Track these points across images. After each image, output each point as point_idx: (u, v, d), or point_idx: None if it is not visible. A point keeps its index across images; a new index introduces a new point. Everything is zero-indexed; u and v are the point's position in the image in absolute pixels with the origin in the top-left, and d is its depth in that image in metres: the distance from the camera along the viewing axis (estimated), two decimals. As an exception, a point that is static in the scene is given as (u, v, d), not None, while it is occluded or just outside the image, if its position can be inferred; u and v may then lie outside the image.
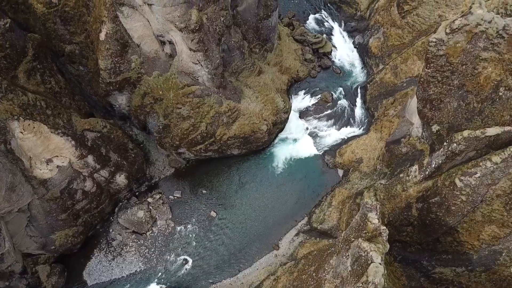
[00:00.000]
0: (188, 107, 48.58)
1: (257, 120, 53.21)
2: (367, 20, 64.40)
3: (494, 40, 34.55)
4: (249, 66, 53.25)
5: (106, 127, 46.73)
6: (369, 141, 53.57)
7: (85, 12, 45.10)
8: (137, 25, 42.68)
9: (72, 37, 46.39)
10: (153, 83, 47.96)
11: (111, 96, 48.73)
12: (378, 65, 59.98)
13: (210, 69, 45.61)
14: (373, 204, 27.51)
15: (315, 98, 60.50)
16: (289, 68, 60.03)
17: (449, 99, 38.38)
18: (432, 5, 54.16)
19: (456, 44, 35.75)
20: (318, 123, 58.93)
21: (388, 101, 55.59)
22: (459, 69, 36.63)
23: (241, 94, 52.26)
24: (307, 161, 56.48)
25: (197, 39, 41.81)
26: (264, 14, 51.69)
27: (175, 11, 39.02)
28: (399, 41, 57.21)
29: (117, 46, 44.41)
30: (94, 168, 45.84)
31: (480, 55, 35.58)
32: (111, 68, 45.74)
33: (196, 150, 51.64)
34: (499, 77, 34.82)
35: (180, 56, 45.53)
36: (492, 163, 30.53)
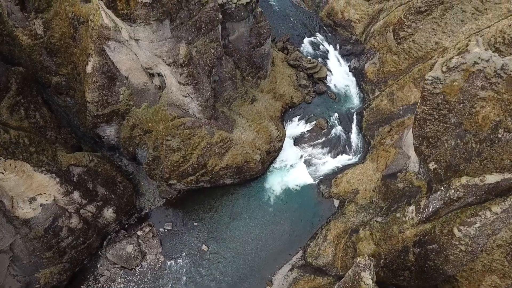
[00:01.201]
0: (179, 138, 47.16)
1: (250, 150, 51.81)
2: (362, 44, 63.35)
3: (492, 79, 33.37)
4: (241, 95, 51.99)
5: (93, 161, 45.25)
6: (365, 171, 52.13)
7: (71, 43, 43.89)
8: (124, 58, 41.44)
9: (58, 69, 45.14)
10: (142, 115, 46.61)
11: (99, 128, 47.36)
12: (374, 91, 58.78)
13: (200, 101, 44.29)
14: (366, 263, 25.97)
15: (310, 124, 59.16)
16: (283, 94, 58.80)
17: (446, 137, 37.07)
18: (428, 32, 53.12)
19: (453, 82, 34.55)
20: (313, 150, 57.52)
21: (385, 129, 54.32)
22: (457, 107, 35.40)
23: (233, 123, 50.91)
24: (302, 191, 54.94)
25: (186, 73, 40.54)
26: (256, 42, 50.57)
27: (163, 46, 37.78)
28: (395, 68, 56.06)
29: (104, 79, 43.14)
30: (81, 203, 44.27)
31: (478, 94, 34.38)
32: (99, 101, 44.43)
33: (187, 181, 50.11)
34: (498, 117, 33.54)
35: (169, 89, 44.25)
36: (492, 213, 29.11)
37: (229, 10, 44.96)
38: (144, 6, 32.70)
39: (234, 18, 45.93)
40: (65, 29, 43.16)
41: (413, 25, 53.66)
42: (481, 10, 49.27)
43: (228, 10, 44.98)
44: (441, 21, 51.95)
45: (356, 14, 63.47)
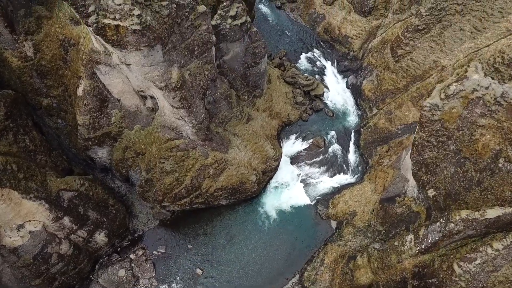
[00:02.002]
0: (172, 161, 46.16)
1: (245, 170, 50.79)
2: (360, 60, 62.58)
3: (492, 107, 32.45)
4: (237, 115, 51.05)
5: (84, 185, 44.19)
6: (363, 192, 51.08)
7: (62, 65, 43.00)
8: (115, 81, 40.55)
9: (49, 91, 44.20)
10: (135, 137, 45.64)
11: (91, 150, 46.36)
12: (371, 109, 57.90)
13: (194, 124, 43.34)
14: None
15: (307, 142, 58.18)
16: (280, 112, 57.88)
17: (445, 164, 36.10)
18: (426, 50, 52.34)
19: (452, 109, 33.63)
20: (310, 169, 56.48)
21: (383, 149, 53.36)
22: (455, 134, 34.45)
23: (228, 144, 49.95)
24: (299, 211, 53.82)
25: (179, 97, 39.62)
26: (252, 62, 49.73)
27: (154, 70, 36.88)
28: (393, 86, 55.24)
29: (95, 101, 42.23)
30: (71, 229, 43.16)
31: (478, 122, 33.44)
32: (90, 124, 43.48)
33: (181, 204, 49.03)
34: (498, 146, 32.57)
35: (162, 111, 43.32)
36: (493, 250, 28.06)
37: (223, 31, 44.14)
38: (134, 33, 31.83)
39: (228, 39, 45.10)
40: (56, 51, 42.30)
41: (411, 43, 52.92)
42: (479, 29, 48.56)
43: (222, 31, 44.17)
44: (440, 39, 51.21)
45: (353, 30, 62.79)
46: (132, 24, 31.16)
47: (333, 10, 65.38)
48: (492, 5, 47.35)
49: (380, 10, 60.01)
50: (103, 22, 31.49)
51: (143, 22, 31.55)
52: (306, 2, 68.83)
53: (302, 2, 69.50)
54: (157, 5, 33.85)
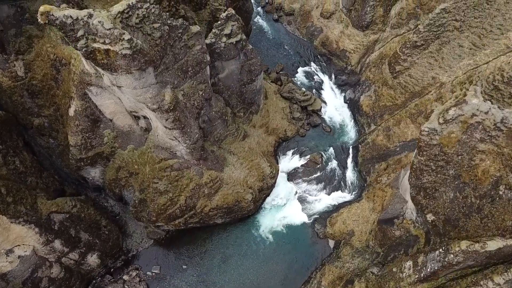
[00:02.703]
0: (166, 181, 45.27)
1: (241, 189, 49.88)
2: (358, 75, 61.89)
3: (492, 132, 31.62)
4: (232, 132, 50.22)
5: (75, 207, 43.26)
6: (361, 211, 50.14)
7: (53, 85, 42.23)
8: (107, 102, 39.76)
9: (40, 110, 43.40)
10: (128, 157, 44.78)
11: (83, 170, 45.46)
12: (370, 125, 57.10)
13: (188, 144, 42.50)
14: None
15: (304, 158, 57.31)
16: (276, 128, 57.07)
17: (444, 189, 35.22)
18: (425, 67, 51.66)
19: (451, 134, 32.80)
20: (307, 186, 55.56)
21: (381, 166, 52.52)
22: (455, 159, 33.61)
23: (224, 162, 49.07)
24: (296, 230, 52.85)
25: (172, 118, 38.81)
26: (248, 79, 48.98)
27: (146, 92, 36.07)
28: (391, 102, 54.47)
29: (87, 122, 41.41)
30: (62, 252, 42.18)
31: (477, 147, 32.61)
32: (82, 144, 42.63)
33: (175, 224, 48.08)
34: (499, 172, 31.73)
35: (155, 132, 42.49)
36: (494, 284, 27.11)
37: (218, 49, 43.42)
38: (124, 57, 31.06)
39: (223, 57, 44.37)
40: (47, 71, 41.54)
41: (409, 59, 52.24)
42: (478, 46, 47.90)
43: (217, 50, 43.44)
44: (438, 55, 50.54)
45: (351, 44, 62.13)
46: (123, 48, 30.38)
47: (331, 24, 64.76)
48: (491, 22, 46.73)
49: (378, 25, 59.38)
50: (92, 46, 30.72)
51: (134, 46, 30.78)
52: (304, 15, 68.23)
53: (299, 15, 68.91)
54: (149, 28, 33.11)
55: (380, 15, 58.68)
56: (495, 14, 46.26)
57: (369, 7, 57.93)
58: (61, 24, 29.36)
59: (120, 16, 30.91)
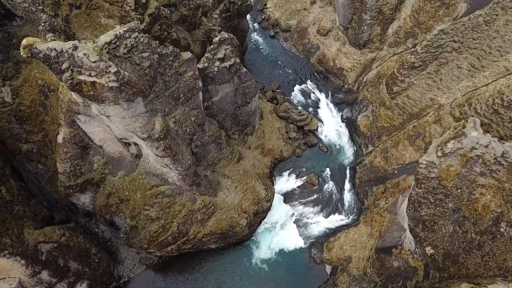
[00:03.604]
0: (157, 208, 44.11)
1: (235, 214, 48.67)
2: (355, 93, 60.90)
3: (492, 166, 30.52)
4: (227, 155, 49.10)
5: (64, 235, 42.01)
6: (358, 236, 48.90)
7: (42, 111, 41.20)
8: (97, 130, 38.69)
9: (28, 136, 42.34)
10: (119, 184, 43.62)
11: (72, 197, 44.25)
12: (367, 145, 56.02)
13: (180, 171, 41.37)
14: None
15: (301, 179, 56.16)
16: (272, 149, 55.96)
17: (443, 222, 34.06)
18: (423, 88, 50.70)
19: (450, 167, 31.70)
20: (304, 209, 54.35)
21: (379, 189, 51.37)
22: (454, 192, 32.49)
23: (217, 186, 47.90)
24: (292, 254, 51.55)
25: (163, 147, 37.70)
26: (242, 101, 47.96)
27: (136, 122, 35.00)
28: (389, 123, 53.43)
29: (76, 149, 40.30)
30: (50, 283, 40.91)
31: (477, 181, 31.51)
32: (71, 171, 41.48)
33: (168, 250, 46.81)
34: (500, 208, 30.58)
35: (146, 158, 41.38)
36: (496, 331, 25.87)
37: (211, 73, 42.43)
38: (111, 89, 30.02)
39: (217, 81, 43.37)
40: (35, 97, 40.55)
41: (407, 80, 51.30)
42: (477, 67, 46.97)
43: (210, 74, 42.45)
44: (436, 76, 49.61)
45: (348, 62, 61.21)
46: (109, 81, 29.36)
47: (328, 41, 63.89)
48: (490, 44, 45.84)
49: (375, 43, 58.49)
50: (78, 79, 29.69)
51: (121, 78, 29.76)
52: (300, 32, 67.41)
53: (296, 32, 68.07)
54: (138, 57, 32.13)
55: (377, 34, 57.81)
56: (494, 36, 45.37)
57: (366, 25, 57.06)
58: (45, 57, 28.34)
59: (107, 47, 29.94)
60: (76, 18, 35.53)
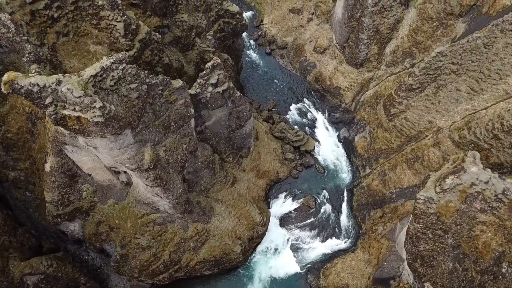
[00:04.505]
0: (148, 236, 42.86)
1: (229, 240, 47.40)
2: (352, 113, 59.90)
3: (493, 203, 29.32)
4: (221, 179, 47.93)
5: (51, 266, 40.66)
6: (355, 263, 47.60)
7: (29, 138, 40.11)
8: (85, 159, 37.55)
9: (16, 164, 41.17)
10: (108, 212, 42.41)
11: (61, 225, 42.99)
12: (364, 167, 54.89)
13: (171, 199, 40.17)
14: None
15: (297, 202, 54.94)
16: (268, 170, 54.79)
17: (443, 258, 32.81)
18: (421, 110, 49.68)
19: (449, 203, 30.53)
20: (300, 233, 53.07)
21: (377, 214, 50.16)
22: (453, 228, 31.28)
23: (211, 212, 46.68)
24: (288, 281, 50.24)
25: (153, 177, 36.54)
26: (236, 125, 46.90)
27: (124, 153, 33.85)
28: (386, 145, 52.35)
29: (64, 178, 39.14)
30: (36, 315, 39.47)
31: (477, 217, 30.32)
32: (59, 200, 40.28)
33: (159, 279, 45.50)
34: (501, 247, 29.35)
35: (136, 187, 40.22)
36: None
37: (204, 99, 41.40)
38: (97, 124, 28.92)
39: (210, 107, 42.34)
40: (22, 124, 39.47)
41: (405, 101, 50.31)
42: (476, 90, 46.01)
43: (203, 100, 41.42)
44: (435, 99, 48.63)
45: (345, 81, 60.27)
46: (94, 116, 28.25)
47: (324, 59, 63.00)
48: (489, 66, 44.92)
49: (373, 62, 57.60)
50: (62, 113, 28.61)
51: (106, 113, 28.65)
52: (297, 49, 66.53)
53: (292, 49, 67.20)
54: (125, 89, 31.05)
55: (374, 53, 56.93)
56: (493, 59, 44.47)
57: (363, 45, 56.17)
58: (27, 93, 27.27)
59: (92, 80, 28.86)
60: (63, 46, 34.54)
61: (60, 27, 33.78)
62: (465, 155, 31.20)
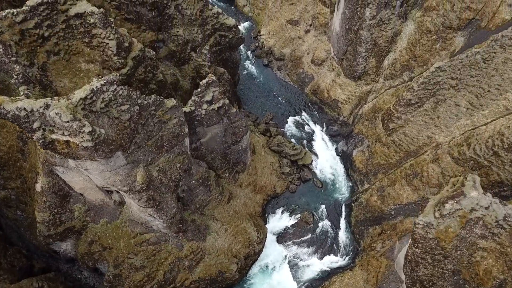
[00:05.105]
0: (142, 256, 41.97)
1: (225, 259, 46.48)
2: (350, 126, 59.18)
3: (494, 229, 28.49)
4: (216, 196, 47.06)
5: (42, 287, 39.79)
6: (354, 282, 46.66)
7: (20, 157, 39.30)
8: (76, 180, 36.76)
9: (6, 183, 40.30)
10: (101, 232, 41.53)
11: (53, 245, 42.08)
12: (363, 182, 54.08)
13: (165, 219, 39.30)
14: None
15: (295, 218, 54.05)
16: (265, 185, 53.96)
17: (442, 283, 31.94)
18: (420, 125, 48.95)
19: (448, 228, 29.70)
20: (298, 249, 52.12)
21: (375, 231, 49.29)
22: (453, 254, 30.42)
23: (206, 230, 45.80)
24: (285, 299, 49.29)
25: (146, 198, 35.71)
26: (232, 141, 46.13)
27: (116, 175, 33.06)
28: (385, 160, 51.56)
29: (55, 198, 38.30)
30: None
31: (478, 243, 29.47)
32: (50, 220, 39.41)
33: (153, 299, 44.46)
34: (502, 275, 28.50)
35: (129, 207, 39.38)
36: None
37: (198, 117, 40.65)
38: (86, 149, 28.14)
39: (205, 124, 41.60)
40: (13, 143, 38.69)
41: (403, 116, 49.61)
42: (476, 106, 45.29)
43: (197, 117, 40.67)
44: (434, 114, 47.93)
45: (343, 94, 59.59)
46: (83, 141, 27.47)
47: (322, 71, 62.37)
48: (489, 82, 44.24)
49: (371, 75, 56.95)
50: (51, 137, 27.83)
51: (96, 137, 27.87)
52: (294, 61, 65.94)
53: (290, 61, 66.60)
54: (116, 111, 30.30)
55: (372, 66, 56.30)
56: (492, 74, 43.81)
57: (361, 58, 55.56)
58: (13, 117, 26.53)
59: (82, 103, 28.12)
60: (54, 65, 33.84)
61: (50, 46, 33.06)
62: (464, 178, 30.41)
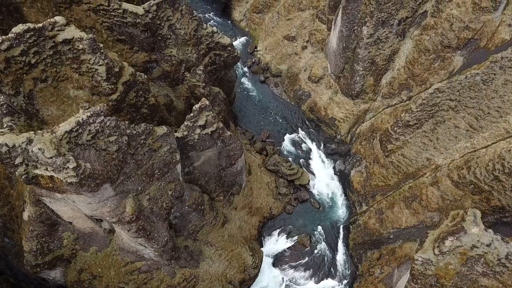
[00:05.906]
0: (133, 284, 40.71)
1: (219, 285, 45.20)
2: (348, 145, 58.16)
3: (496, 268, 27.31)
4: (210, 221, 45.87)
5: (29, 319, 38.48)
6: (352, 309, 45.41)
7: (7, 184, 38.15)
8: (64, 209, 35.58)
9: (-7, 210, 39.09)
10: (91, 260, 40.29)
11: (41, 273, 40.81)
12: (361, 204, 52.93)
13: (156, 248, 38.10)
14: None
15: (291, 240, 52.82)
16: (261, 207, 52.81)
17: (443, 320, 30.63)
18: (418, 146, 47.95)
19: (448, 265, 28.52)
20: (294, 273, 50.84)
21: (374, 255, 48.06)
22: (454, 291, 29.17)
23: (199, 256, 44.56)
24: (281, 325, 47.97)
25: (135, 229, 34.54)
26: (227, 164, 45.06)
27: (104, 206, 31.95)
28: (383, 182, 50.45)
29: (43, 227, 37.11)
30: None
31: (479, 281, 28.26)
32: (38, 250, 38.17)
33: (145, 328, 43.09)
34: (505, 315, 27.25)
35: (119, 236, 38.18)
36: None
37: (191, 142, 39.63)
38: (71, 184, 27.06)
39: (198, 149, 40.57)
40: (0, 169, 37.53)
41: (402, 138, 48.63)
42: (476, 128, 44.31)
43: (190, 142, 39.66)
44: (433, 135, 46.94)
45: (340, 112, 58.65)
46: (68, 177, 26.41)
47: (319, 89, 61.50)
48: (489, 103, 43.34)
49: (369, 94, 56.06)
50: (34, 173, 26.77)
51: (81, 173, 26.80)
52: (291, 77, 65.09)
53: (286, 78, 65.75)
54: (103, 142, 29.26)
55: (370, 84, 55.45)
56: (492, 96, 42.94)
57: (358, 76, 54.73)
58: (-6, 153, 25.47)
59: (67, 136, 27.07)
60: (41, 92, 32.90)
61: (38, 72, 32.17)
62: (465, 212, 29.31)
